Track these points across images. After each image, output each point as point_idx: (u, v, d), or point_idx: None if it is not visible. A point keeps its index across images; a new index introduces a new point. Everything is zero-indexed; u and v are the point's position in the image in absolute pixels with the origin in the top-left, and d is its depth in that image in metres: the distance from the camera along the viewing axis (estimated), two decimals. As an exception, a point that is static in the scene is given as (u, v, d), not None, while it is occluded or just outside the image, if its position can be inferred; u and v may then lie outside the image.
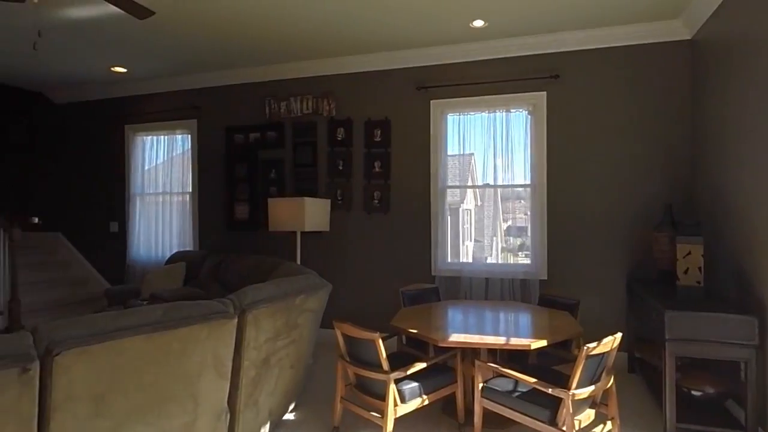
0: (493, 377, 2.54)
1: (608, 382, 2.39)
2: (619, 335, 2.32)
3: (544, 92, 4.15)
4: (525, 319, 3.02)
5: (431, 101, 4.44)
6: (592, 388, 2.24)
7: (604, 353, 2.27)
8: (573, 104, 4.10)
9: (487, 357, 2.71)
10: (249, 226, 5.08)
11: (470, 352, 2.88)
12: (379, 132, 4.55)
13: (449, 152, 4.51)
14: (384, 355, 2.33)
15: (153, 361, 1.79)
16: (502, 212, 4.50)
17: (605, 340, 2.22)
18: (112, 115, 5.68)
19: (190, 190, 5.38)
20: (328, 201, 4.20)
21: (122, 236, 5.69)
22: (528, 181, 4.29)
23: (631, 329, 3.82)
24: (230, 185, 5.16)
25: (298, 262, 4.15)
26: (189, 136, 5.37)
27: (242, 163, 5.10)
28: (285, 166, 4.94)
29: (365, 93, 4.64)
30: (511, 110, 4.30)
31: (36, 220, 6.16)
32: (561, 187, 4.13)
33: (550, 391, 2.19)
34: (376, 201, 4.55)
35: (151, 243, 5.55)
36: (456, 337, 2.47)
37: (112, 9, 3.48)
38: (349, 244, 4.68)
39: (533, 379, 2.26)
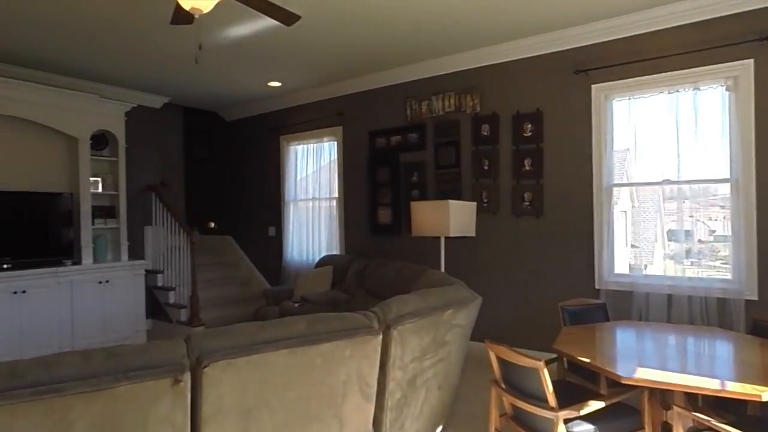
0: (699, 429, 1.96)
1: None
2: None
3: (751, 60, 3.26)
4: (733, 352, 2.32)
5: (592, 86, 3.83)
6: None
7: None
8: (796, 72, 3.13)
9: (684, 400, 2.12)
10: (392, 231, 5.02)
11: (658, 392, 2.31)
12: (529, 126, 4.08)
13: (615, 143, 3.84)
14: (550, 388, 1.95)
15: (297, 377, 1.70)
16: (667, 213, 3.67)
17: None
18: (270, 127, 6.17)
19: (337, 195, 5.54)
20: (474, 204, 3.89)
21: (279, 240, 6.13)
22: (726, 175, 3.42)
23: None
24: (373, 189, 5.17)
25: (442, 269, 3.92)
26: (335, 142, 5.55)
27: (384, 167, 5.08)
28: (427, 168, 4.77)
29: (513, 84, 4.21)
30: (701, 87, 3.48)
31: (212, 224, 7.01)
32: (778, 181, 3.19)
33: (796, 464, 1.57)
34: (527, 203, 4.08)
35: (303, 247, 5.86)
36: (646, 374, 1.96)
37: (266, 25, 3.68)
38: (496, 250, 4.30)
39: (767, 444, 1.66)
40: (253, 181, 6.47)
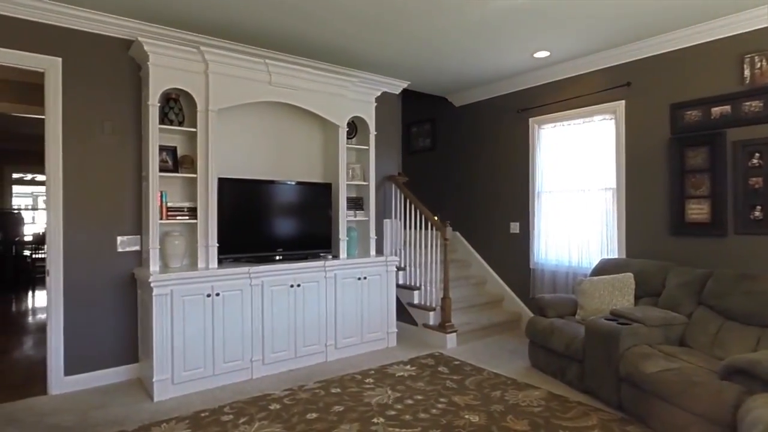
0: None
1: None
2: None
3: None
4: None
5: None
6: None
7: None
8: None
9: None
10: (709, 232, 3.82)
11: None
12: None
13: None
14: None
15: None
16: None
17: None
18: (515, 108, 5.39)
19: (614, 186, 4.51)
20: None
21: (524, 237, 5.34)
22: None
23: None
24: (677, 177, 4.02)
25: None
26: (612, 120, 4.52)
27: (698, 148, 3.89)
28: (780, 146, 3.48)
29: None
30: None
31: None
32: None
33: None
34: None
35: (561, 246, 4.96)
36: None
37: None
38: None
39: None
40: (488, 171, 5.78)
